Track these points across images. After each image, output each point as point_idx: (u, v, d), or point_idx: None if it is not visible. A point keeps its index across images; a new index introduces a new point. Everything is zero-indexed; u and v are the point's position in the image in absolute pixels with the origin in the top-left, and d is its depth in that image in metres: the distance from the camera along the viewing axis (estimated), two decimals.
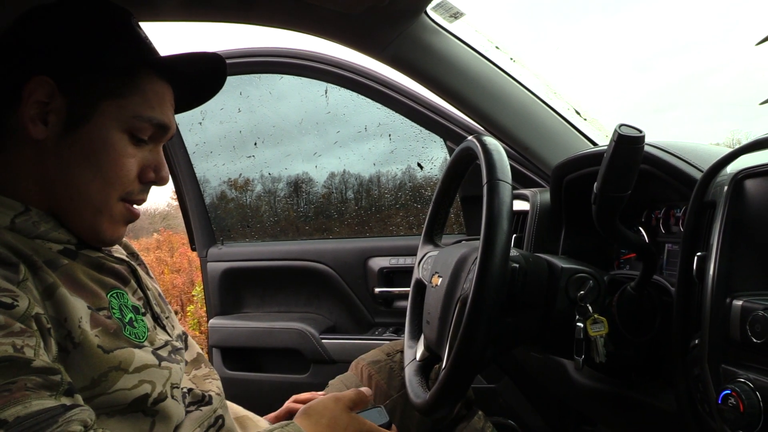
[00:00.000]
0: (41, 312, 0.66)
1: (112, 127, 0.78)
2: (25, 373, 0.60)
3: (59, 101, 0.76)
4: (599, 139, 1.53)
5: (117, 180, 0.79)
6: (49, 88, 0.76)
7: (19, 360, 0.60)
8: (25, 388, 0.59)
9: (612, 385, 1.02)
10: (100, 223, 0.80)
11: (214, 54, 0.87)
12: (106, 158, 0.78)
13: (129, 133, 0.80)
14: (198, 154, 2.21)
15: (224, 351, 2.14)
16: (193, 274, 6.65)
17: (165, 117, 0.83)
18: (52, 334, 0.67)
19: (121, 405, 0.74)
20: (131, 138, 0.80)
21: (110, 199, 0.80)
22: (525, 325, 0.95)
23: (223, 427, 0.91)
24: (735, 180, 0.78)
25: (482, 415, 1.28)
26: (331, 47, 1.55)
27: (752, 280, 0.75)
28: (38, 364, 0.62)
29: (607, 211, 0.83)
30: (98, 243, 0.83)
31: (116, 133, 0.78)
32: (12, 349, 0.60)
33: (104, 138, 0.78)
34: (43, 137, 0.76)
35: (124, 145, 0.79)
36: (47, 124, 0.76)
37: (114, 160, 0.78)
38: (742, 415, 0.67)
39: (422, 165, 2.12)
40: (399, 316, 2.02)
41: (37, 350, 0.63)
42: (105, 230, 0.81)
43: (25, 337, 0.62)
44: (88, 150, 0.77)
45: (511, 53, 1.53)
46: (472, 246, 1.02)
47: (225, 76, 0.92)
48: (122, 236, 0.86)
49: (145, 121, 0.80)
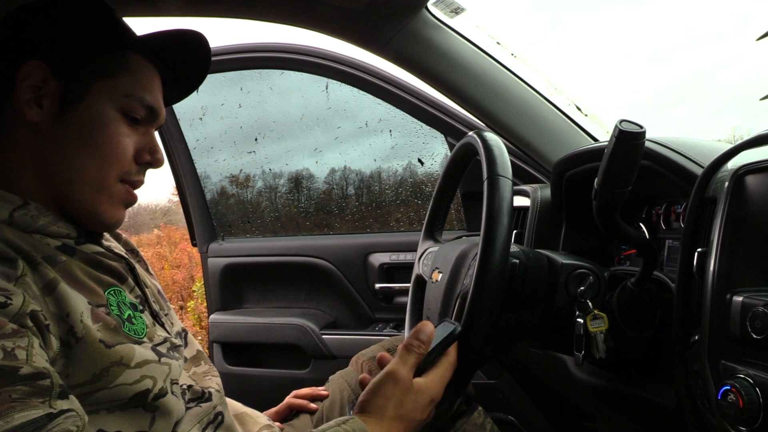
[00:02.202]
0: (38, 309, 0.66)
1: (106, 106, 0.80)
2: (10, 384, 0.59)
3: (53, 84, 0.78)
4: (600, 134, 1.53)
5: (114, 158, 0.80)
6: (42, 72, 0.77)
7: (5, 369, 0.59)
8: (9, 400, 0.57)
9: (612, 381, 1.02)
10: (100, 203, 0.81)
11: (192, 31, 0.89)
12: (101, 137, 0.79)
13: (122, 112, 0.81)
14: (199, 149, 2.21)
15: (225, 346, 2.15)
16: (194, 270, 6.65)
17: (154, 99, 0.85)
18: (51, 330, 0.67)
19: (122, 400, 0.74)
20: (125, 117, 0.82)
21: (109, 178, 0.81)
22: (525, 321, 0.95)
23: (223, 424, 0.91)
24: (736, 176, 0.78)
25: (482, 410, 1.28)
26: (331, 43, 1.55)
27: (752, 276, 0.75)
28: (26, 370, 0.60)
29: (608, 206, 0.83)
30: (99, 227, 0.84)
31: (110, 111, 0.80)
32: (2, 353, 0.59)
33: (99, 116, 0.79)
34: (39, 120, 0.77)
35: (119, 124, 0.81)
36: (42, 108, 0.78)
37: (110, 138, 0.80)
38: (741, 410, 0.67)
39: (423, 161, 2.12)
40: (399, 311, 2.03)
41: (29, 351, 0.62)
42: (105, 212, 0.82)
43: (16, 338, 0.62)
44: (84, 129, 0.79)
45: (512, 49, 1.53)
46: (472, 242, 1.02)
47: (207, 53, 0.94)
48: (122, 219, 0.86)
49: (137, 101, 0.82)
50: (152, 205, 13.93)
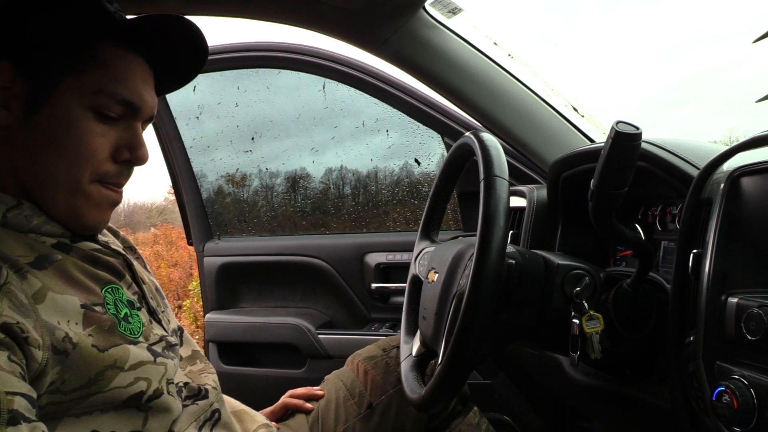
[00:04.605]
0: (12, 321, 0.63)
1: (73, 105, 0.75)
2: None
3: (19, 85, 0.74)
4: (596, 136, 1.54)
5: (83, 160, 0.76)
6: (8, 72, 0.74)
7: None
8: None
9: (607, 382, 1.02)
10: (78, 206, 0.77)
11: (182, 18, 0.82)
12: (68, 138, 0.75)
13: (93, 110, 0.76)
14: (195, 148, 2.20)
15: (221, 346, 2.14)
16: (190, 269, 6.64)
17: (133, 93, 0.78)
18: (32, 342, 0.64)
19: (116, 402, 0.73)
20: (97, 116, 0.76)
21: (81, 181, 0.76)
22: (521, 322, 0.95)
23: (220, 421, 0.91)
24: (731, 177, 0.78)
25: (478, 410, 1.28)
26: (329, 42, 1.54)
27: (747, 278, 0.75)
28: None
29: (604, 207, 0.83)
30: (84, 229, 0.80)
31: (78, 110, 0.75)
32: None
33: (65, 116, 0.74)
34: (7, 123, 0.74)
35: (89, 122, 0.76)
36: (10, 110, 0.74)
37: (77, 138, 0.75)
38: (736, 411, 0.67)
39: (419, 161, 2.12)
40: (395, 311, 2.03)
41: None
42: (86, 214, 0.78)
43: None
44: (51, 131, 0.74)
45: (510, 49, 1.53)
46: (468, 242, 1.02)
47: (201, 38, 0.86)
48: (106, 220, 0.83)
49: (108, 97, 0.76)
50: (148, 204, 13.91)
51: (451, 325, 0.91)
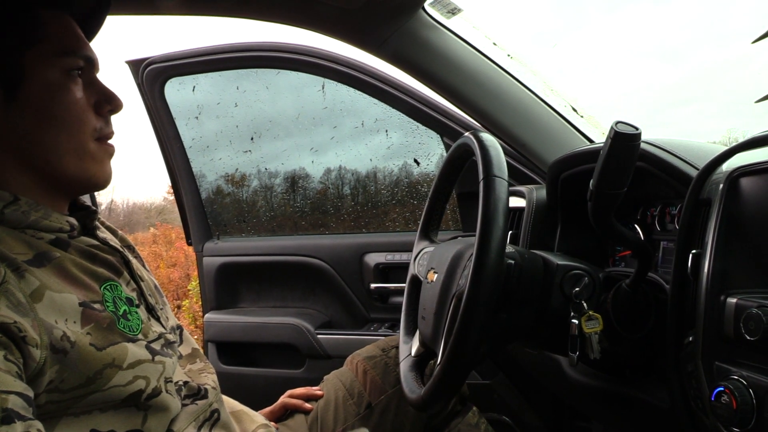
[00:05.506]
0: (9, 321, 0.63)
1: (47, 74, 0.76)
2: None
3: None
4: (596, 136, 1.54)
5: (79, 122, 0.78)
6: None
7: None
8: None
9: (606, 382, 1.02)
10: (87, 168, 0.80)
11: None
12: (59, 107, 0.77)
13: (64, 73, 0.78)
14: (194, 148, 2.20)
15: (220, 346, 2.14)
16: (189, 269, 6.63)
17: (83, 45, 0.81)
18: (30, 342, 0.64)
19: (115, 401, 0.73)
20: (69, 77, 0.78)
21: (85, 142, 0.79)
22: (520, 322, 0.95)
23: (219, 421, 0.91)
24: (730, 178, 0.78)
25: (477, 410, 1.28)
26: (328, 43, 1.54)
27: (746, 278, 0.75)
28: None
29: (603, 208, 0.83)
30: (94, 188, 0.83)
31: (53, 77, 0.77)
32: None
33: (46, 87, 0.76)
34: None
35: (68, 86, 0.78)
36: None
37: (66, 104, 0.77)
38: (734, 411, 0.67)
39: (419, 161, 2.12)
40: (394, 311, 2.02)
41: None
42: (95, 174, 0.81)
43: None
44: (39, 104, 0.76)
45: (509, 50, 1.53)
46: (467, 242, 1.02)
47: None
48: (111, 174, 0.85)
49: (72, 55, 0.78)
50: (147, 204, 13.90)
51: (451, 325, 0.91)
